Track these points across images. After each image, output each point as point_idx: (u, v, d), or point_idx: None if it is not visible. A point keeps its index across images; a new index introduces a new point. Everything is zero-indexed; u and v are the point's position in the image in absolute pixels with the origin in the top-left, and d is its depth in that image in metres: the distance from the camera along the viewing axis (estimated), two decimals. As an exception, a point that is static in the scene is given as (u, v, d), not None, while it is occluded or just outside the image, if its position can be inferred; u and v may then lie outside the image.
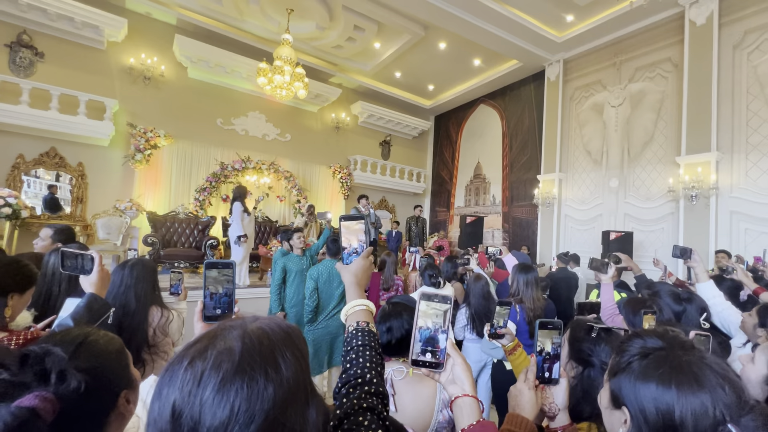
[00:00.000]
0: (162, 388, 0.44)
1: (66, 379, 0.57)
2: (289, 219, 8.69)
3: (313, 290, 3.13)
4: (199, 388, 0.42)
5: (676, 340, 0.70)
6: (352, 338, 0.79)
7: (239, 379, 0.42)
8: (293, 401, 0.45)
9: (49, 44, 6.40)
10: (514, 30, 6.74)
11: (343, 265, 0.95)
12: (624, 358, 0.71)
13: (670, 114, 5.95)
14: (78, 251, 1.25)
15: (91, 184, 6.75)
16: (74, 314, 1.13)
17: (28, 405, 0.50)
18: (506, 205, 8.86)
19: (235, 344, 0.45)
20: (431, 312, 0.75)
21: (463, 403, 0.71)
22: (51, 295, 1.58)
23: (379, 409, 0.66)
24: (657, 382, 0.63)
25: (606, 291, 2.16)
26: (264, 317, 0.52)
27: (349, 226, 0.98)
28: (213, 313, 0.95)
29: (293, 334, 0.51)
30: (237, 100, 8.33)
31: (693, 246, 5.15)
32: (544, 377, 0.89)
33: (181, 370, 0.44)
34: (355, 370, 0.72)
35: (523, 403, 0.83)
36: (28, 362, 0.56)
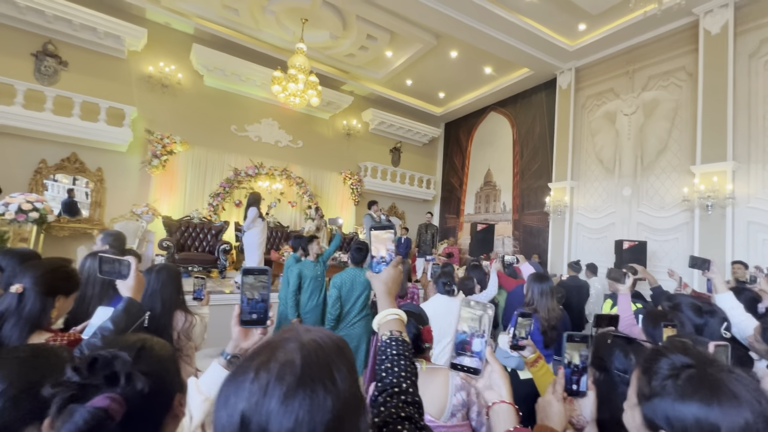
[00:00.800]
0: (228, 396, 0.47)
1: (132, 381, 0.61)
2: (300, 224, 8.77)
3: (336, 298, 3.17)
4: (265, 398, 0.45)
5: (701, 355, 0.71)
6: (387, 347, 0.80)
7: (302, 391, 0.45)
8: (348, 412, 0.48)
9: (73, 53, 6.62)
10: (526, 39, 6.78)
11: (373, 273, 0.99)
12: (656, 381, 0.70)
13: (685, 122, 5.91)
14: (116, 257, 1.31)
15: (109, 189, 6.92)
16: (113, 318, 1.18)
17: (101, 405, 0.54)
18: (517, 213, 8.83)
19: (295, 356, 0.48)
20: (467, 316, 0.78)
21: (500, 410, 0.73)
22: (84, 298, 1.64)
23: (415, 418, 0.68)
24: (699, 403, 0.62)
25: (624, 301, 2.16)
26: (314, 328, 0.56)
27: (379, 236, 1.00)
28: (249, 318, 0.99)
29: (343, 346, 0.54)
30: (251, 108, 8.49)
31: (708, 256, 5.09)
32: (572, 389, 0.90)
33: (247, 381, 0.47)
34: (391, 379, 0.74)
35: (552, 415, 0.84)
36: (97, 366, 0.61)
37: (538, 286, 2.58)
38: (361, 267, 3.43)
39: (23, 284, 1.27)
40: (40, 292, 1.27)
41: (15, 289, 1.26)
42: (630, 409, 0.75)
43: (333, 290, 3.22)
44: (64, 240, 6.26)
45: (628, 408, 0.77)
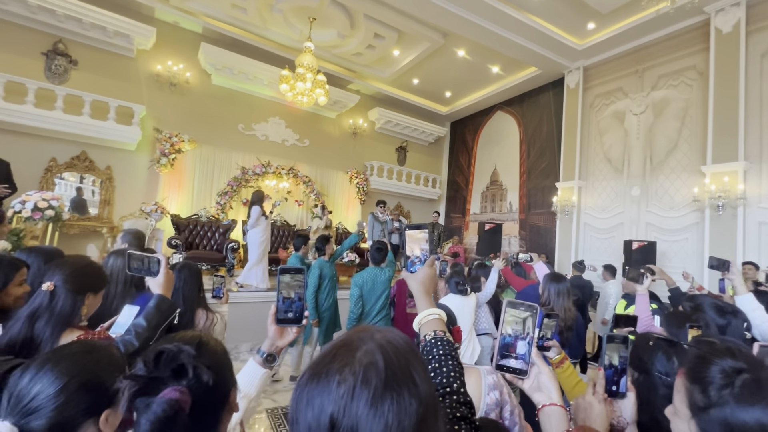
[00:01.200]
0: (313, 397, 0.47)
1: (198, 374, 0.62)
2: (307, 223, 8.79)
3: (358, 297, 3.21)
4: (353, 401, 0.44)
5: (751, 358, 0.70)
6: (432, 347, 0.79)
7: (389, 395, 0.45)
8: (430, 413, 0.47)
9: (83, 52, 6.66)
10: (534, 37, 6.75)
11: (409, 273, 0.99)
12: (712, 390, 0.67)
13: (695, 122, 5.87)
14: (145, 254, 1.32)
15: (118, 187, 6.96)
16: (146, 315, 1.20)
17: (174, 397, 0.55)
18: (523, 213, 8.80)
19: (377, 358, 0.48)
20: (512, 319, 0.78)
21: (551, 412, 0.73)
22: (108, 296, 1.65)
23: (470, 418, 0.68)
24: (762, 410, 0.61)
25: (642, 302, 2.16)
26: (383, 328, 0.55)
27: (413, 235, 1.01)
28: (285, 317, 0.99)
29: (415, 348, 0.54)
30: (258, 106, 8.51)
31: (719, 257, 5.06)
32: (611, 391, 0.90)
33: (333, 383, 0.46)
34: (441, 379, 0.73)
35: (593, 416, 0.83)
36: (162, 359, 0.62)
37: (554, 287, 2.58)
38: (380, 266, 3.45)
39: (54, 282, 1.28)
40: (71, 289, 1.29)
41: (46, 286, 1.27)
42: (683, 421, 0.73)
43: (355, 289, 3.24)
44: (73, 238, 6.31)
45: (677, 419, 0.75)
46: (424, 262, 0.98)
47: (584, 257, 7.07)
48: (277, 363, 1.05)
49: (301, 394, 0.49)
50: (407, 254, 1.00)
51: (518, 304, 0.79)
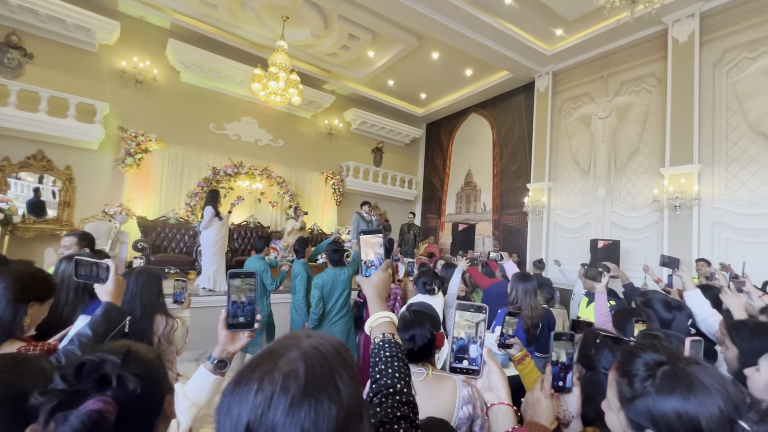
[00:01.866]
0: (231, 406, 0.47)
1: (124, 383, 0.60)
2: (281, 224, 8.65)
3: (319, 299, 3.26)
4: (270, 410, 0.45)
5: (671, 351, 0.74)
6: (380, 349, 0.81)
7: (306, 402, 0.46)
8: (351, 418, 0.48)
9: (39, 46, 6.30)
10: (505, 42, 6.92)
11: (363, 277, 0.99)
12: (636, 382, 0.72)
13: (655, 127, 6.18)
14: (93, 260, 1.26)
15: (79, 188, 6.63)
16: (92, 323, 1.13)
17: (95, 408, 0.53)
18: (497, 213, 9.00)
19: (298, 366, 0.48)
20: (464, 323, 0.79)
21: (499, 411, 0.75)
22: (59, 304, 1.57)
23: (411, 418, 0.70)
24: (678, 399, 0.66)
25: (600, 299, 2.24)
26: (314, 334, 0.56)
27: (368, 240, 1.00)
28: (236, 321, 0.97)
29: (344, 351, 0.54)
30: (230, 105, 8.31)
31: (676, 254, 5.34)
32: (558, 386, 0.93)
33: (251, 392, 0.46)
34: (386, 380, 0.75)
35: (540, 411, 0.86)
36: (84, 370, 0.59)
37: (522, 285, 2.65)
38: (340, 267, 3.48)
39: (-8, 290, 1.20)
40: (12, 298, 1.21)
41: (-17, 295, 1.19)
42: (613, 412, 0.77)
43: (315, 290, 3.29)
44: (29, 241, 5.95)
45: (610, 411, 0.79)
46: (379, 266, 0.98)
47: (554, 256, 7.30)
48: (228, 369, 1.02)
49: (222, 403, 0.49)
50: (362, 258, 1.00)
51: (468, 307, 0.80)
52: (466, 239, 7.36)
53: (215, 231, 5.23)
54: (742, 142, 5.17)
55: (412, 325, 1.46)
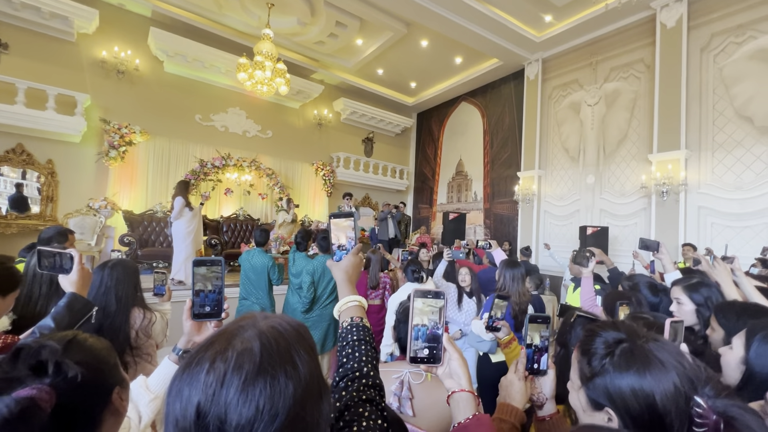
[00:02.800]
0: (182, 388, 0.45)
1: (62, 371, 0.57)
2: (271, 217, 8.58)
3: (311, 284, 3.42)
4: (223, 388, 0.43)
5: (631, 329, 0.74)
6: (347, 333, 0.80)
7: (262, 379, 0.44)
8: (310, 396, 0.47)
9: (14, 35, 6.08)
10: (495, 29, 6.84)
11: (334, 262, 0.97)
12: (595, 361, 0.72)
13: (643, 113, 6.18)
14: (56, 249, 1.21)
15: (62, 183, 6.47)
16: (54, 315, 1.09)
17: (27, 395, 0.50)
18: (488, 202, 9.01)
19: (253, 344, 0.46)
20: (427, 309, 0.76)
21: (460, 398, 0.73)
22: (32, 298, 1.52)
23: (377, 401, 0.69)
24: (633, 376, 0.66)
25: (586, 284, 2.25)
26: (272, 315, 0.54)
27: (339, 224, 0.98)
28: (202, 311, 0.94)
29: (302, 331, 0.53)
30: (216, 96, 8.15)
31: (663, 239, 5.39)
32: (533, 368, 0.92)
33: (202, 372, 0.44)
34: (352, 364, 0.74)
35: (513, 393, 0.86)
36: (21, 357, 0.56)
37: (510, 272, 2.66)
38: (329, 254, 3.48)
39: (-49, 284, 1.15)
40: (-29, 292, 1.16)
41: (-59, 289, 1.14)
42: (575, 391, 0.77)
43: (306, 277, 3.41)
44: (12, 237, 5.83)
45: (572, 390, 0.78)
46: (349, 250, 0.96)
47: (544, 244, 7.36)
48: None
49: (172, 387, 0.46)
50: (333, 242, 0.97)
51: (426, 293, 0.77)
52: (457, 228, 7.36)
53: (186, 222, 5.10)
54: (729, 128, 5.20)
55: None
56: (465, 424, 0.70)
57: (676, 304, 1.59)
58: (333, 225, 0.98)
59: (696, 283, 1.55)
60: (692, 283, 1.56)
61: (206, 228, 7.59)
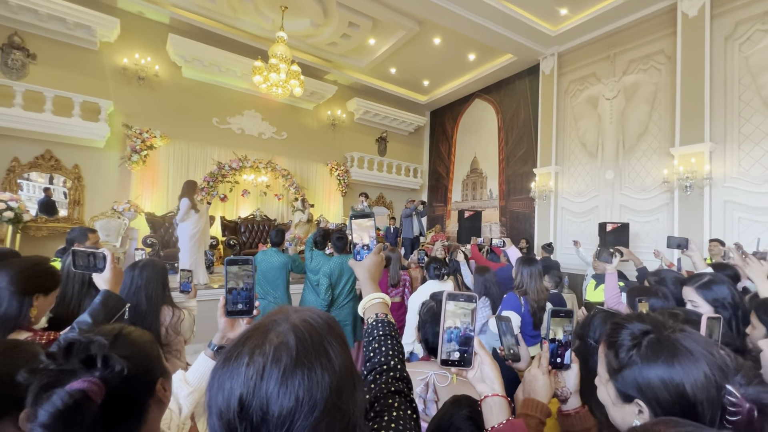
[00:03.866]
0: (224, 381, 0.47)
1: (110, 364, 0.60)
2: (287, 217, 8.70)
3: (328, 286, 3.42)
4: (263, 381, 0.45)
5: (656, 320, 0.74)
6: (373, 329, 0.83)
7: (299, 371, 0.46)
8: (345, 386, 0.49)
9: (41, 45, 6.33)
10: (508, 24, 6.76)
11: (356, 261, 0.99)
12: (622, 353, 0.72)
13: (664, 106, 6.02)
14: (90, 249, 1.27)
15: (88, 186, 6.72)
16: (91, 311, 1.15)
17: (79, 388, 0.53)
18: (503, 199, 8.92)
19: (289, 338, 0.48)
20: (459, 312, 0.76)
21: (493, 402, 0.73)
22: (65, 297, 1.59)
23: (405, 392, 0.71)
24: (662, 365, 0.66)
25: (611, 280, 2.22)
26: (303, 308, 0.56)
27: (360, 224, 1.01)
28: (234, 308, 0.97)
29: (332, 323, 0.55)
30: (232, 99, 8.30)
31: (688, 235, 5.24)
32: (556, 363, 0.92)
33: (242, 365, 0.46)
34: (380, 357, 0.77)
35: (537, 388, 0.86)
36: (73, 351, 0.59)
37: (527, 269, 2.64)
38: (345, 254, 3.58)
39: (-2, 284, 1.22)
40: (16, 291, 1.23)
41: (-11, 288, 1.21)
42: (603, 385, 0.77)
43: (324, 278, 3.42)
44: (42, 240, 6.08)
45: (600, 384, 0.78)
46: (371, 249, 0.98)
47: (562, 240, 7.24)
48: None
49: (213, 380, 0.48)
50: (355, 242, 1.00)
51: (458, 296, 0.77)
52: (473, 226, 7.32)
53: (192, 223, 4.97)
54: (756, 119, 5.02)
55: None
56: (498, 429, 0.70)
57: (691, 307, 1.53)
58: (354, 225, 1.00)
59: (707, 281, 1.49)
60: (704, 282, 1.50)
61: (225, 229, 7.77)
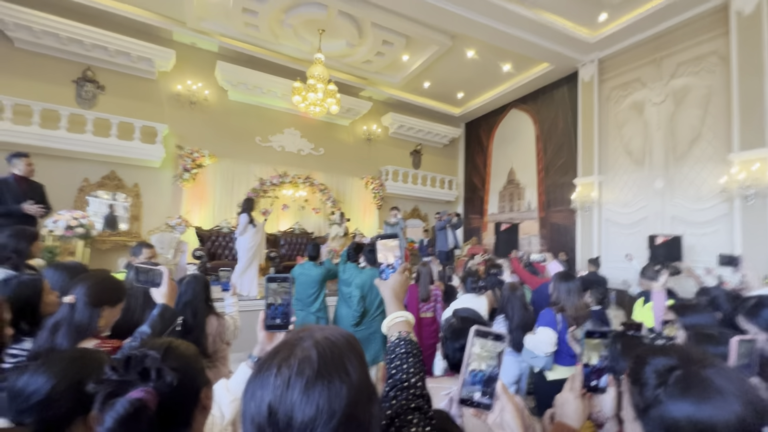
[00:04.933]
0: (255, 390, 0.54)
1: (162, 375, 0.69)
2: (324, 230, 8.93)
3: (360, 298, 3.46)
4: (288, 390, 0.51)
5: (683, 353, 0.69)
6: (396, 347, 0.86)
7: (320, 382, 0.51)
8: (361, 399, 0.53)
9: (109, 78, 7.08)
10: (544, 33, 6.65)
11: (381, 280, 1.04)
12: (647, 391, 0.68)
13: (719, 109, 5.61)
14: (149, 266, 1.42)
15: (145, 203, 7.33)
16: (150, 323, 1.29)
17: (137, 397, 0.62)
18: (543, 211, 8.62)
19: (311, 353, 0.54)
20: (485, 354, 0.75)
21: None
22: (129, 309, 1.76)
23: (425, 409, 0.74)
24: (691, 405, 0.62)
25: (658, 298, 2.11)
26: (326, 327, 0.62)
27: (386, 244, 1.06)
28: (273, 323, 1.05)
29: (353, 341, 0.60)
30: (273, 119, 8.76)
31: (751, 248, 4.81)
32: (590, 386, 0.88)
33: (271, 376, 0.53)
34: (401, 375, 0.79)
35: (569, 412, 0.83)
36: (131, 364, 0.69)
37: (564, 285, 2.55)
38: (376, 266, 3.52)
39: (74, 295, 1.40)
40: (88, 302, 1.40)
41: (68, 299, 1.39)
42: (630, 423, 0.73)
43: (356, 290, 3.47)
44: (106, 252, 6.68)
45: (628, 422, 0.75)
46: (396, 269, 1.03)
47: (607, 254, 6.86)
48: None
49: (247, 389, 0.55)
50: (380, 261, 1.05)
51: (487, 334, 0.75)
52: (510, 239, 7.13)
53: (249, 238, 5.38)
54: (829, 120, 4.55)
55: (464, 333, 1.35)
56: None
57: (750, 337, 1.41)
58: (380, 245, 1.05)
59: (754, 305, 1.37)
60: (750, 306, 1.37)
61: (267, 242, 8.12)
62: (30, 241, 2.43)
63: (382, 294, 1.01)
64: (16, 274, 1.63)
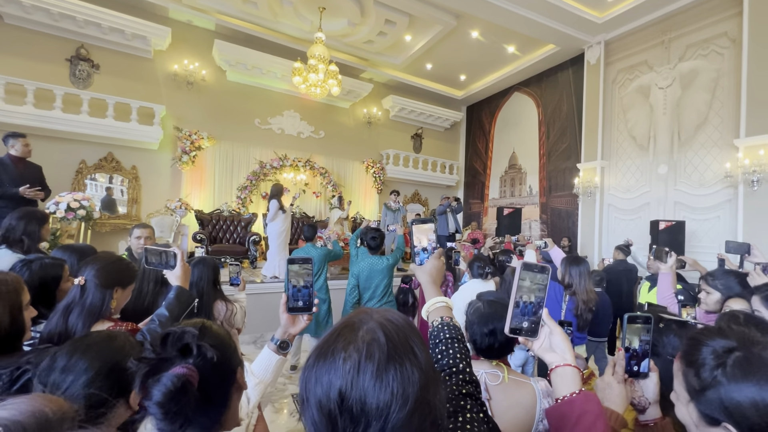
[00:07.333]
0: (321, 375, 0.50)
1: (203, 352, 0.67)
2: (325, 214, 8.90)
3: (353, 287, 3.31)
4: (359, 375, 0.48)
5: (741, 335, 0.68)
6: (439, 332, 0.84)
7: (392, 366, 0.48)
8: (431, 382, 0.51)
9: (104, 56, 6.88)
10: (551, 13, 6.48)
11: (417, 265, 1.01)
12: (705, 372, 0.67)
13: (727, 93, 5.54)
14: (162, 248, 1.38)
15: (144, 186, 7.23)
16: (167, 305, 1.26)
17: (181, 372, 0.60)
18: (544, 196, 8.60)
19: (378, 335, 0.51)
20: (534, 287, 0.75)
21: (564, 372, 0.71)
22: (141, 293, 1.73)
23: (476, 395, 0.72)
24: (752, 387, 0.61)
25: (665, 280, 2.09)
26: (381, 309, 0.58)
27: (420, 228, 1.04)
28: (295, 305, 1.03)
29: (412, 324, 0.57)
30: (273, 100, 8.59)
31: (754, 235, 4.82)
32: (633, 371, 0.88)
33: (339, 360, 0.49)
34: (447, 360, 0.78)
35: (612, 397, 0.83)
36: (168, 341, 0.67)
37: (576, 269, 2.55)
38: (378, 256, 3.42)
39: (85, 277, 1.37)
40: (100, 284, 1.37)
41: (78, 281, 1.36)
42: (683, 405, 0.73)
43: (351, 278, 3.33)
44: (105, 235, 6.63)
45: (679, 404, 0.74)
46: (431, 253, 1.00)
47: (608, 240, 6.89)
48: (291, 349, 1.09)
49: (310, 374, 0.52)
50: (415, 245, 1.02)
51: (533, 266, 0.76)
52: (512, 224, 7.12)
53: (280, 223, 5.58)
54: (839, 105, 4.50)
55: (492, 318, 1.31)
56: (571, 399, 0.68)
57: None
58: (415, 229, 1.03)
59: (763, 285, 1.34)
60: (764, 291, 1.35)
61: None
62: (41, 223, 2.39)
63: (419, 279, 0.99)
64: (39, 256, 1.60)
